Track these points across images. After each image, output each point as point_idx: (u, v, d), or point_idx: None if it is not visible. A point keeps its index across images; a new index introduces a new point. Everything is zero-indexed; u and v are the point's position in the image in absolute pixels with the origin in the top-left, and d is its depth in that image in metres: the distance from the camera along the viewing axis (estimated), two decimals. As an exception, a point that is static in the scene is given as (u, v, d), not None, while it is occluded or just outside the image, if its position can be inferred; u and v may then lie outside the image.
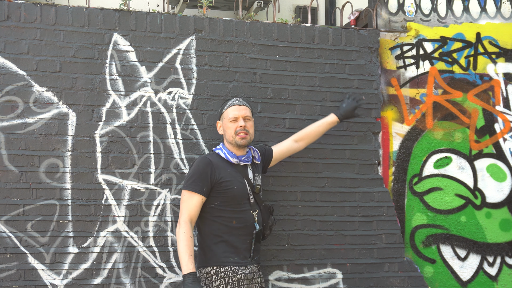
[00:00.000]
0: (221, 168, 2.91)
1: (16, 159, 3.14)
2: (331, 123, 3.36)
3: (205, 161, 2.92)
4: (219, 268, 2.84)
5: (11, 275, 3.09)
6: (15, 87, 3.15)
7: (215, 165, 2.90)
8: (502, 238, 3.83)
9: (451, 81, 3.85)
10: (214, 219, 2.90)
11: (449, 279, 3.73)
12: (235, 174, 2.95)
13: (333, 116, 3.37)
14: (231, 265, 2.85)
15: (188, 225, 2.80)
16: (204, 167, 2.88)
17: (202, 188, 2.85)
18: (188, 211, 2.84)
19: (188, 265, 2.73)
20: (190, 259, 2.74)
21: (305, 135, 3.32)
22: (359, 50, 3.66)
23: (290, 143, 3.29)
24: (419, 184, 3.76)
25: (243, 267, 2.88)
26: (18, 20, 3.17)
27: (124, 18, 3.31)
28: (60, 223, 3.16)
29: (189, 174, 2.91)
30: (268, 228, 3.05)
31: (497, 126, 3.90)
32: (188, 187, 2.86)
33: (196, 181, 2.85)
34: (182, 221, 2.81)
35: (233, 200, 2.90)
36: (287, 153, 3.30)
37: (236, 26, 3.48)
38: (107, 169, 3.23)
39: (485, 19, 3.98)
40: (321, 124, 3.34)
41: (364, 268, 3.55)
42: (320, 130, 3.34)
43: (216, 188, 2.88)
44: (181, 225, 2.80)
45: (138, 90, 3.31)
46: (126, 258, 3.22)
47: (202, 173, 2.86)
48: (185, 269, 2.73)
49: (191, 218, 2.83)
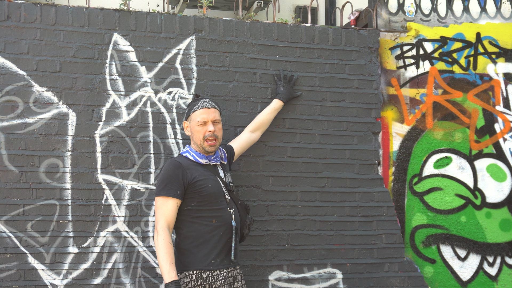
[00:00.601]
0: (192, 169, 2.85)
1: (16, 159, 3.14)
2: (278, 108, 3.42)
3: (174, 164, 2.83)
4: (200, 273, 2.76)
5: (11, 275, 3.09)
6: (15, 87, 3.15)
7: (185, 167, 2.83)
8: (502, 238, 3.82)
9: (451, 81, 3.85)
10: (193, 220, 2.82)
11: (449, 279, 3.73)
12: (207, 173, 2.90)
13: (278, 101, 3.42)
14: (212, 270, 2.78)
15: (166, 231, 2.71)
16: (174, 169, 2.80)
17: (176, 191, 2.76)
18: (165, 217, 2.74)
19: (170, 273, 2.65)
20: (171, 267, 2.66)
21: (259, 124, 3.35)
22: (359, 50, 3.66)
23: (248, 135, 3.29)
24: (419, 184, 3.75)
25: (224, 270, 2.81)
26: (18, 20, 3.17)
27: (124, 18, 3.31)
28: (60, 223, 3.16)
29: (160, 180, 2.81)
30: (246, 227, 3.00)
31: (497, 126, 3.90)
32: (161, 193, 2.77)
33: (169, 185, 2.76)
34: (159, 228, 2.72)
35: (210, 199, 2.84)
36: (246, 146, 3.30)
37: (236, 26, 3.48)
38: (107, 169, 3.23)
39: (485, 19, 3.97)
40: (270, 111, 3.40)
41: (364, 268, 3.55)
42: (270, 117, 3.41)
43: (190, 189, 2.81)
44: (159, 232, 2.71)
45: (138, 90, 3.30)
46: (126, 258, 3.22)
47: (173, 176, 2.78)
48: (167, 277, 2.64)
49: (168, 224, 2.75)
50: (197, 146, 2.93)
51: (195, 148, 2.95)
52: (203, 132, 2.89)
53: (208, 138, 2.88)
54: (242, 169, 3.42)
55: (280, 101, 3.41)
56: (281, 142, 3.50)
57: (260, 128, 3.36)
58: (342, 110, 3.60)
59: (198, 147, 2.93)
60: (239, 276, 2.92)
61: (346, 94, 3.62)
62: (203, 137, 2.88)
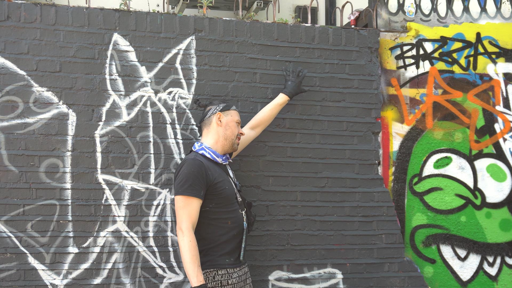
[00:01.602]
0: (211, 169, 2.85)
1: (16, 159, 3.13)
2: (282, 103, 3.35)
3: (197, 163, 2.80)
4: (216, 270, 2.79)
5: (11, 275, 3.09)
6: (15, 87, 3.15)
7: (206, 167, 2.83)
8: (502, 238, 3.82)
9: (451, 81, 3.85)
10: (210, 222, 2.83)
11: (449, 279, 3.73)
12: (223, 173, 2.92)
13: (283, 96, 3.34)
14: (228, 268, 2.82)
15: (192, 233, 2.69)
16: (198, 169, 2.77)
17: (200, 191, 2.76)
18: (190, 218, 2.72)
19: (199, 277, 2.63)
20: (199, 270, 2.65)
21: (259, 121, 3.30)
22: (359, 50, 3.66)
23: (247, 132, 3.26)
24: (419, 184, 3.75)
25: (237, 268, 2.87)
26: (18, 20, 3.17)
27: (124, 18, 3.31)
28: (60, 223, 3.16)
29: (183, 178, 2.76)
30: (251, 224, 3.02)
31: (497, 126, 3.90)
32: (185, 192, 2.74)
33: (193, 185, 2.75)
34: (185, 229, 2.69)
35: (226, 201, 2.86)
36: (246, 143, 3.28)
37: (236, 26, 3.48)
38: (107, 169, 3.23)
39: (485, 19, 3.97)
40: (273, 107, 3.32)
41: (364, 268, 3.55)
42: (273, 113, 3.33)
43: (210, 190, 2.81)
44: (185, 233, 2.68)
45: (138, 90, 3.30)
46: (126, 258, 3.22)
47: (198, 176, 2.76)
48: (194, 281, 2.62)
49: (193, 225, 2.73)
50: (225, 139, 2.96)
51: (212, 144, 2.96)
52: (238, 131, 3.01)
53: (238, 137, 3.03)
54: (242, 169, 3.42)
55: (285, 96, 3.34)
56: (281, 142, 3.50)
57: (260, 125, 3.31)
58: (342, 110, 3.60)
59: (225, 141, 2.96)
60: (248, 272, 3.00)
61: (346, 94, 3.62)
62: (237, 134, 3.00)
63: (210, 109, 3.03)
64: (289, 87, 3.37)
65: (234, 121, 3.01)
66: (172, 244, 3.28)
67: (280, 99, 3.35)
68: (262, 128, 3.34)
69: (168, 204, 3.28)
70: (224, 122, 2.99)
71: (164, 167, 3.29)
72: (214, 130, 2.99)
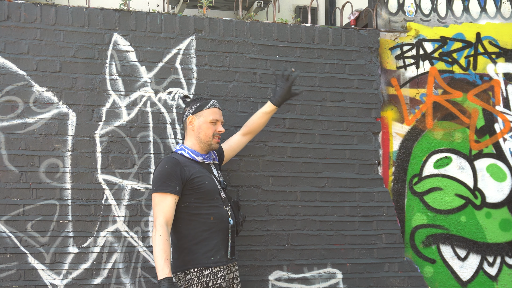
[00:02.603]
0: (188, 166, 2.85)
1: (16, 159, 3.13)
2: (270, 112, 3.18)
3: (171, 160, 2.82)
4: (200, 270, 2.76)
5: (11, 275, 3.08)
6: (15, 87, 3.14)
7: (182, 164, 2.83)
8: (502, 238, 3.82)
9: (451, 81, 3.85)
10: (191, 217, 2.82)
11: (449, 279, 3.72)
12: (203, 170, 2.90)
13: (270, 104, 3.15)
14: (212, 266, 2.79)
15: (164, 227, 2.69)
16: (173, 166, 2.79)
17: (175, 187, 2.75)
18: (163, 214, 2.72)
19: (164, 270, 2.64)
20: (166, 263, 2.65)
21: (250, 128, 3.23)
22: (359, 50, 3.66)
23: (239, 138, 3.23)
24: (419, 184, 3.75)
25: (223, 267, 2.83)
26: (18, 20, 3.17)
27: (124, 18, 3.30)
28: (60, 223, 3.16)
29: (158, 176, 2.78)
30: (240, 224, 2.99)
31: (497, 126, 3.89)
32: (159, 189, 2.75)
33: (167, 181, 2.75)
34: (157, 225, 2.70)
35: (207, 195, 2.84)
36: (237, 148, 3.24)
37: (236, 26, 3.47)
38: (107, 169, 3.23)
39: (485, 19, 3.97)
40: (261, 116, 3.18)
41: (364, 268, 3.54)
42: (261, 121, 3.20)
43: (188, 185, 2.80)
44: (157, 229, 2.69)
45: (138, 90, 3.30)
46: (126, 258, 3.22)
47: (171, 172, 2.77)
48: (160, 274, 2.63)
49: (167, 221, 2.72)
50: (200, 142, 2.94)
51: (191, 145, 2.95)
52: (213, 130, 2.94)
53: (216, 136, 2.95)
54: (242, 169, 3.42)
55: (272, 105, 3.15)
56: (281, 142, 3.50)
57: (251, 132, 3.24)
58: (342, 110, 3.60)
59: (201, 143, 2.94)
60: (236, 272, 2.96)
61: (346, 94, 3.61)
62: (212, 134, 2.94)
63: (185, 112, 3.00)
64: (277, 94, 3.14)
65: (207, 122, 2.92)
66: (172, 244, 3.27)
67: (267, 107, 3.17)
68: (253, 135, 3.27)
69: (168, 204, 3.28)
70: (196, 126, 2.94)
71: (164, 167, 3.29)
72: (190, 133, 2.97)
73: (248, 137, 3.26)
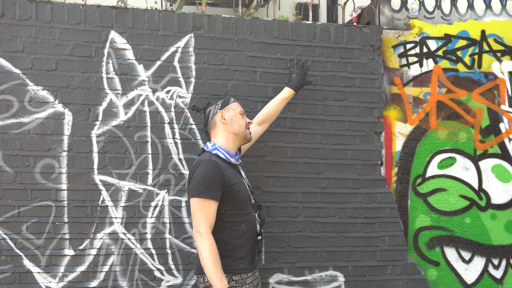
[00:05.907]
0: (226, 170, 2.79)
1: (11, 160, 3.10)
2: (288, 97, 3.31)
3: (213, 164, 2.72)
4: (231, 276, 2.73)
5: (6, 278, 3.06)
6: (10, 86, 3.11)
7: (222, 168, 2.77)
8: (508, 240, 3.79)
9: (455, 79, 3.80)
10: (225, 225, 2.77)
11: (453, 282, 3.69)
12: (237, 175, 2.87)
13: (288, 90, 3.30)
14: (241, 273, 2.77)
15: (211, 235, 2.63)
16: (215, 171, 2.70)
17: (217, 194, 2.69)
18: (208, 220, 2.65)
19: (223, 281, 2.58)
20: (223, 274, 2.60)
21: (266, 116, 3.25)
22: (361, 48, 3.61)
23: (255, 128, 3.21)
24: (423, 185, 3.71)
25: (250, 273, 2.82)
26: (13, 18, 3.13)
27: (121, 15, 3.26)
28: (56, 225, 3.12)
29: (200, 180, 2.68)
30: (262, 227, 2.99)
31: (502, 126, 3.85)
32: (202, 195, 2.66)
33: (210, 187, 2.67)
34: (203, 232, 2.62)
35: (241, 203, 2.81)
36: (255, 138, 3.23)
37: (235, 23, 3.43)
38: (104, 170, 3.19)
39: (490, 16, 3.93)
40: (279, 102, 3.29)
41: (366, 271, 3.51)
42: (279, 107, 3.30)
43: (226, 192, 2.75)
44: (204, 237, 2.61)
45: (135, 89, 3.26)
46: (123, 260, 3.18)
47: (214, 177, 2.69)
48: (219, 285, 2.58)
49: (211, 228, 2.67)
50: (235, 135, 2.90)
51: (224, 142, 2.89)
52: (245, 122, 2.95)
53: (248, 127, 2.96)
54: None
55: (291, 90, 3.30)
56: (282, 142, 3.46)
57: (267, 120, 3.26)
58: (344, 109, 3.56)
59: (235, 136, 2.90)
60: (259, 277, 2.97)
61: (348, 93, 3.57)
62: (245, 125, 2.94)
63: (210, 110, 2.96)
64: (293, 80, 3.33)
65: (237, 113, 2.93)
66: (170, 247, 3.24)
67: (286, 93, 3.30)
68: (269, 123, 3.30)
69: (166, 206, 3.25)
70: (228, 119, 2.92)
71: (162, 167, 3.25)
72: (221, 129, 2.92)
73: (265, 126, 3.28)
